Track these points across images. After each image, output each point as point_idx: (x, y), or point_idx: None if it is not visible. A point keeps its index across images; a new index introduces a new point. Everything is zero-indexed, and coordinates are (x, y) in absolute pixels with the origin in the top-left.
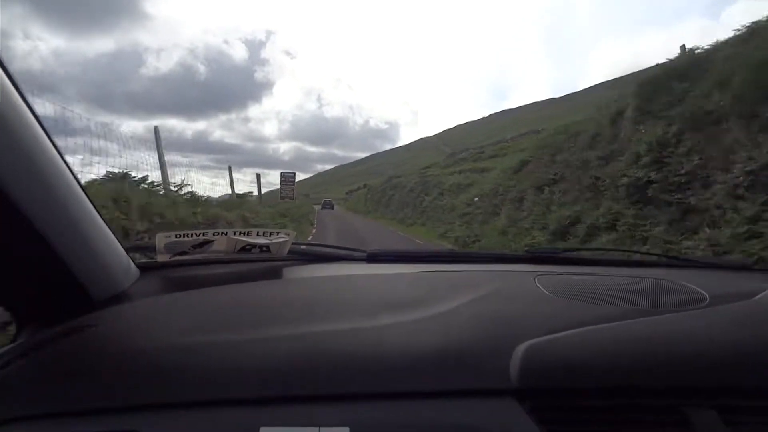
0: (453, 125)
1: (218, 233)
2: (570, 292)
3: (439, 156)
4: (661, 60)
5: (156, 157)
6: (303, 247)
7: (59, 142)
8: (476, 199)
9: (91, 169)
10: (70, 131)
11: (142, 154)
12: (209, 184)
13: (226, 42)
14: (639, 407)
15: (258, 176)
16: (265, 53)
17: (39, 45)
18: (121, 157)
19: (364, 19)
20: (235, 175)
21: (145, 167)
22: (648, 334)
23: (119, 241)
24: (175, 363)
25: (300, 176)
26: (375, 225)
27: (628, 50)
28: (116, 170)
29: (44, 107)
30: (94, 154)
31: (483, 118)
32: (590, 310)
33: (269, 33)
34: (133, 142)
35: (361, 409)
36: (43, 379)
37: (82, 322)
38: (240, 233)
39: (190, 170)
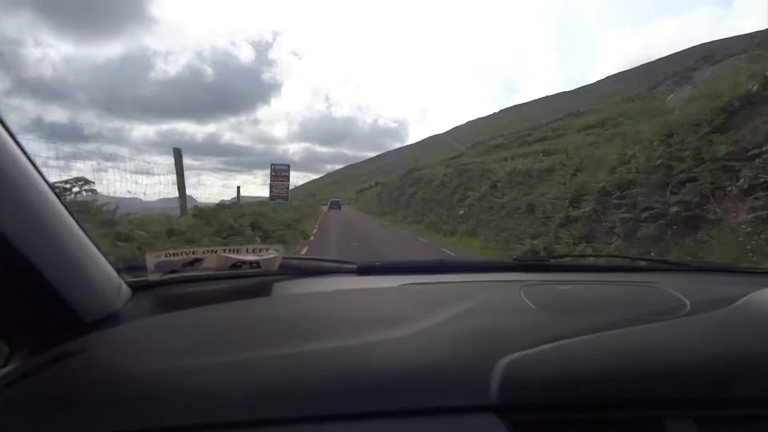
0: (463, 122)
1: (208, 251)
2: (554, 303)
3: (451, 153)
4: (672, 50)
5: (172, 160)
6: (294, 261)
7: (72, 149)
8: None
9: (105, 175)
10: (83, 138)
11: (154, 158)
12: (221, 187)
13: (233, 44)
14: (619, 420)
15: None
16: (272, 54)
17: (49, 52)
18: (133, 161)
19: (370, 17)
20: (245, 177)
21: (158, 172)
22: (627, 345)
23: (109, 262)
24: (165, 388)
25: (310, 176)
26: (399, 235)
27: (637, 41)
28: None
29: (57, 114)
30: (106, 160)
31: (494, 113)
32: (572, 321)
33: (276, 33)
34: (146, 146)
35: (347, 429)
36: (31, 409)
37: (72, 347)
38: (230, 251)
39: (201, 173)
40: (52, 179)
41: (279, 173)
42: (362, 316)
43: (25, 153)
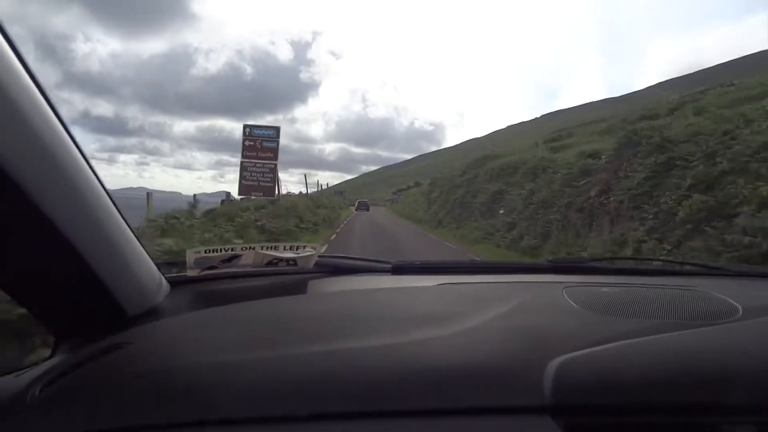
0: (503, 126)
1: (246, 248)
2: (600, 304)
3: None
4: (726, 58)
5: (211, 156)
6: (329, 259)
7: (117, 142)
8: None
9: (148, 168)
10: (127, 132)
11: (194, 154)
12: None
13: (272, 43)
14: (674, 425)
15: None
16: (311, 54)
17: (97, 47)
18: (173, 156)
19: (410, 19)
20: (282, 176)
21: (198, 166)
22: (682, 348)
23: (150, 257)
24: (210, 381)
25: (345, 176)
26: None
27: (689, 47)
28: None
29: (103, 108)
30: (148, 154)
31: (535, 119)
32: (621, 323)
33: (315, 33)
34: (186, 141)
35: (398, 426)
36: (85, 398)
37: (119, 339)
38: (267, 248)
39: (238, 169)
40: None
41: (259, 144)
42: (403, 314)
43: (78, 146)
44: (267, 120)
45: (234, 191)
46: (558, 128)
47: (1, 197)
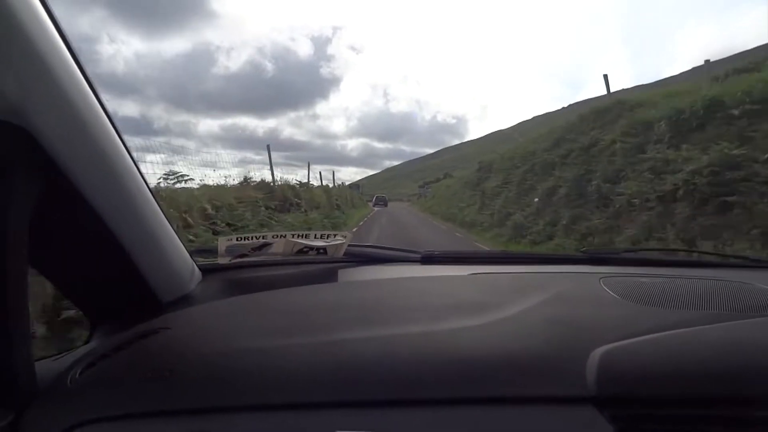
0: (529, 117)
1: (277, 236)
2: (640, 294)
3: (518, 148)
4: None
5: (235, 154)
6: (358, 249)
7: (144, 142)
8: None
9: (173, 167)
10: (153, 131)
11: (219, 152)
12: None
13: (292, 39)
14: (722, 418)
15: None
16: (331, 49)
17: (121, 48)
18: (198, 155)
19: (431, 11)
20: (304, 172)
21: (222, 164)
22: (732, 339)
23: (184, 244)
24: (248, 366)
25: (368, 172)
26: None
27: (719, 32)
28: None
29: (129, 108)
30: (175, 153)
31: (563, 108)
32: (664, 314)
33: (335, 28)
34: (211, 140)
35: (438, 414)
36: (125, 380)
37: (156, 324)
38: (298, 236)
39: (263, 168)
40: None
41: None
42: (437, 303)
43: (123, 143)
44: (289, 116)
45: None
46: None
47: (50, 190)
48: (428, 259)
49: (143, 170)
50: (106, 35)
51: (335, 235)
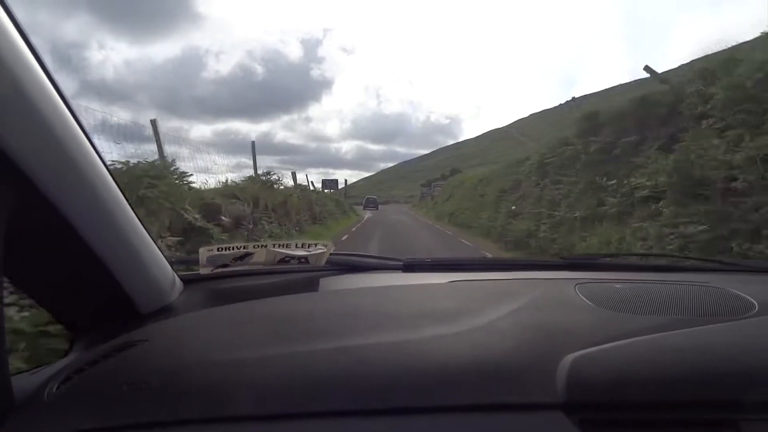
0: (526, 114)
1: (258, 245)
2: (613, 300)
3: (518, 146)
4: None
5: (230, 159)
6: (340, 257)
7: (135, 149)
8: None
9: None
10: (145, 138)
11: (213, 158)
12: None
13: (282, 41)
14: (690, 422)
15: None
16: (322, 51)
17: (110, 54)
18: (192, 161)
19: (422, 11)
20: (299, 176)
21: (217, 169)
22: (697, 345)
23: (164, 255)
24: (225, 377)
25: (363, 174)
26: None
27: (714, 25)
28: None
29: (120, 115)
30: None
31: (560, 104)
32: (635, 320)
33: (326, 30)
34: (204, 146)
35: (409, 423)
36: (102, 394)
37: (133, 336)
38: (279, 245)
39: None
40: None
41: None
42: (414, 311)
43: (96, 149)
44: (282, 120)
45: None
46: (590, 112)
47: (22, 201)
48: (410, 267)
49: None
50: (95, 42)
51: (316, 245)
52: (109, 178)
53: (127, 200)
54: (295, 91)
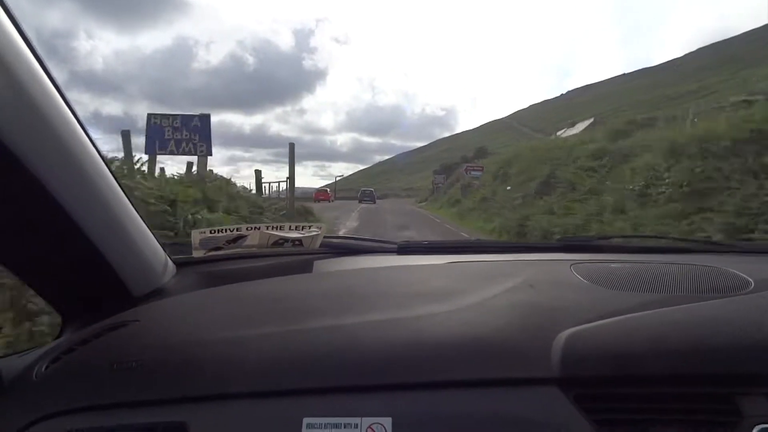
0: (525, 105)
1: (251, 228)
2: (608, 279)
3: (520, 137)
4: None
5: (224, 152)
6: (335, 240)
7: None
8: None
9: (163, 167)
10: (138, 130)
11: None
12: (274, 178)
13: (273, 31)
14: (686, 395)
15: None
16: (314, 41)
17: (99, 44)
18: None
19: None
20: (296, 169)
21: (213, 162)
22: (692, 320)
23: (156, 238)
24: (218, 356)
25: (359, 167)
26: None
27: (712, 13)
28: None
29: (112, 106)
30: None
31: (561, 95)
32: (631, 297)
33: (318, 20)
34: None
35: (403, 398)
36: (91, 373)
37: (125, 317)
38: (273, 227)
39: (252, 165)
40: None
41: None
42: (410, 291)
43: (86, 131)
44: (275, 112)
45: (250, 186)
46: (589, 103)
47: (11, 182)
48: (404, 250)
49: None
50: (82, 31)
51: (310, 227)
52: (101, 161)
53: (119, 184)
54: (288, 83)
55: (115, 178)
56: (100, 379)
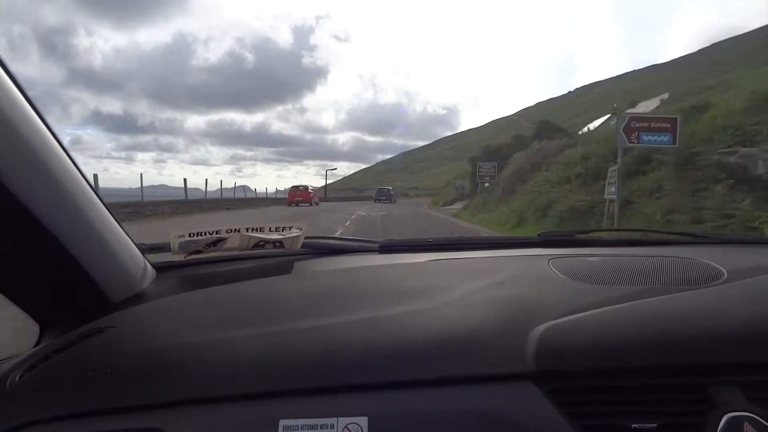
0: (532, 103)
1: (231, 230)
2: (585, 273)
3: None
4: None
5: (226, 150)
6: (316, 240)
7: (131, 140)
8: None
9: (165, 165)
10: (139, 129)
11: (209, 149)
12: (276, 177)
13: (273, 28)
14: (660, 386)
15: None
16: (314, 39)
17: (97, 41)
18: (188, 152)
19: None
20: (297, 168)
21: (214, 161)
22: (665, 312)
23: (134, 243)
24: (195, 359)
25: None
26: None
27: (715, 11)
28: None
29: (111, 105)
30: (164, 151)
31: (569, 92)
32: (606, 290)
33: (318, 17)
34: (199, 137)
35: (380, 398)
36: (66, 381)
37: (101, 323)
38: (252, 229)
39: (255, 164)
40: (118, 171)
41: None
42: (391, 289)
43: (55, 136)
44: (277, 110)
45: (253, 186)
46: (598, 100)
47: None
48: (386, 248)
49: (136, 170)
50: (81, 28)
51: (290, 228)
52: (71, 164)
53: (93, 188)
54: (288, 81)
55: (88, 182)
56: (74, 388)
